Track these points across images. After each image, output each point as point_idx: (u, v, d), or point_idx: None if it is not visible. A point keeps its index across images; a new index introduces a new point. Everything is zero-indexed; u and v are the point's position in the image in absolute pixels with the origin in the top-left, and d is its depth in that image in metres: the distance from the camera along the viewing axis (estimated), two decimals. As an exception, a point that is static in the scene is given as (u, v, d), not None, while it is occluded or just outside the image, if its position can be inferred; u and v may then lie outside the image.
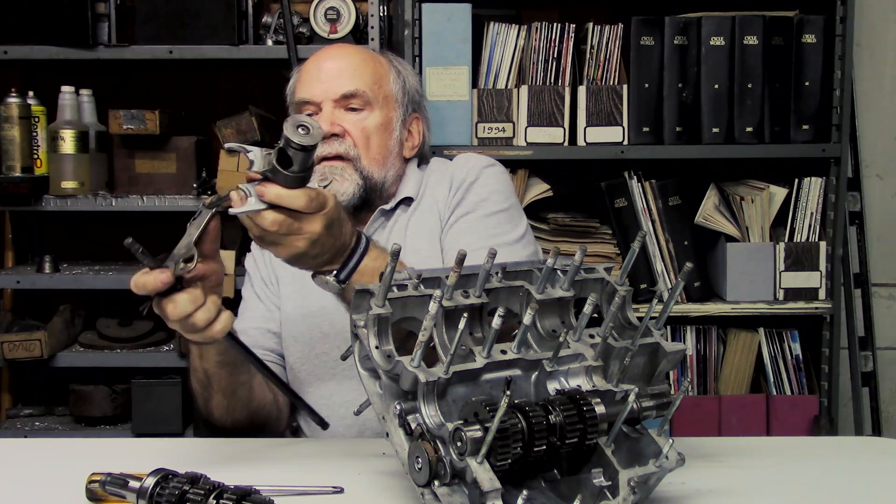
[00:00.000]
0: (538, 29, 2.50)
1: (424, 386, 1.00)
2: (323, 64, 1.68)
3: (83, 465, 1.16)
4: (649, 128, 2.51)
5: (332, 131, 1.61)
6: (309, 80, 1.68)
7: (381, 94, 1.68)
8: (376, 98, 1.67)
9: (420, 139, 1.76)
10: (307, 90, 1.66)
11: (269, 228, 1.18)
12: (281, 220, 1.18)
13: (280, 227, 1.18)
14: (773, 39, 2.50)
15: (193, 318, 1.20)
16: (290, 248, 1.21)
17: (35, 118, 2.58)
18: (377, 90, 1.67)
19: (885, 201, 2.89)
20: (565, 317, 1.17)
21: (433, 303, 1.00)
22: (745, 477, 1.23)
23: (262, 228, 1.19)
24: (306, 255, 1.22)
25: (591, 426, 1.02)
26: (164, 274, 1.17)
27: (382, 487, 1.18)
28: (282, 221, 1.18)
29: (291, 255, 1.22)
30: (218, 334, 1.23)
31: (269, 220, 1.18)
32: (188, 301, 1.19)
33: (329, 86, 1.65)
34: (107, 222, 2.82)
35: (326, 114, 1.62)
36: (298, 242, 1.20)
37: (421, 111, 1.78)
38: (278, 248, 1.22)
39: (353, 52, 1.73)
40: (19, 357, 2.52)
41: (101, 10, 2.54)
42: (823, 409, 2.56)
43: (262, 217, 1.18)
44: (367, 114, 1.66)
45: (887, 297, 2.91)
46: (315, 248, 1.22)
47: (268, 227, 1.18)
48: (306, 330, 1.65)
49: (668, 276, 2.54)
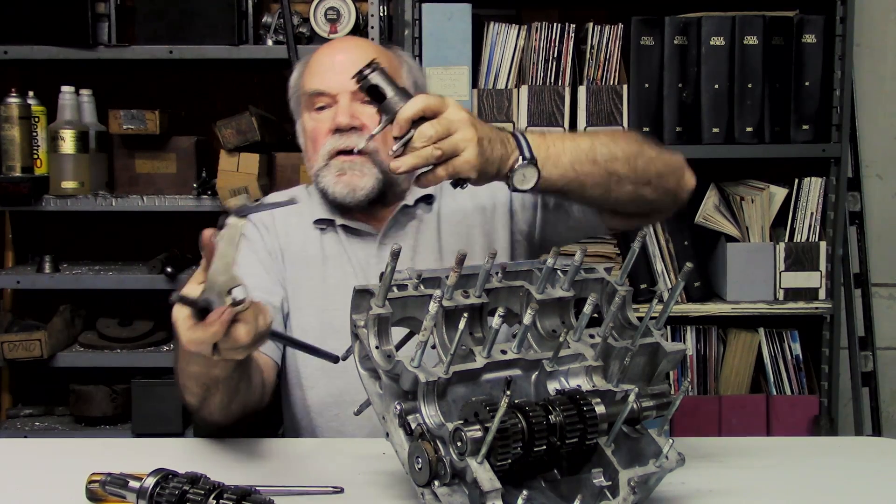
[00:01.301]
0: (538, 29, 2.50)
1: (424, 386, 1.00)
2: (336, 56, 1.63)
3: (83, 465, 1.16)
4: (649, 128, 2.51)
5: (351, 124, 1.57)
6: (322, 71, 1.63)
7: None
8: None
9: None
10: (321, 81, 1.61)
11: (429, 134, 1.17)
12: (432, 123, 1.18)
13: (437, 127, 1.18)
14: (773, 39, 2.50)
15: (259, 328, 1.12)
16: (466, 142, 1.19)
17: (35, 118, 2.58)
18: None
19: (885, 201, 2.89)
20: (565, 317, 1.17)
21: (433, 303, 1.00)
22: (745, 477, 1.23)
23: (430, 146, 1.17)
24: (485, 146, 1.20)
25: (591, 426, 1.02)
26: (224, 314, 1.05)
27: (382, 487, 1.17)
28: (434, 123, 1.18)
29: (478, 150, 1.19)
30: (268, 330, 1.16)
31: (425, 129, 1.17)
32: (251, 314, 1.10)
33: (346, 77, 1.53)
34: (107, 222, 2.82)
35: (344, 106, 1.58)
36: (466, 132, 1.19)
37: None
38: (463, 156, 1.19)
39: (367, 45, 1.70)
40: (19, 357, 2.52)
41: (101, 10, 2.55)
42: (823, 409, 2.56)
43: (420, 133, 1.17)
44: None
45: (887, 297, 2.91)
46: (482, 133, 1.20)
47: (429, 135, 1.17)
48: (318, 324, 1.59)
49: (668, 276, 2.54)
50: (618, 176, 1.35)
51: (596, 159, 1.33)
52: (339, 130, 1.58)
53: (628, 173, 1.36)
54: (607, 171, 1.34)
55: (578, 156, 1.31)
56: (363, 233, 1.63)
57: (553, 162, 1.29)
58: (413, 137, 1.18)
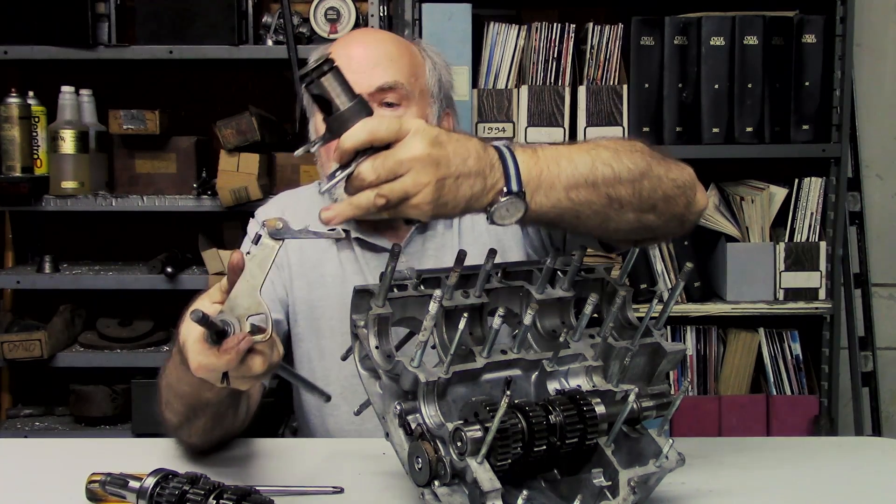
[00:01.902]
0: (538, 29, 2.50)
1: (424, 386, 1.00)
2: (353, 51, 1.48)
3: (83, 465, 1.16)
4: (649, 128, 2.51)
5: None
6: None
7: (418, 88, 1.50)
8: (413, 92, 1.49)
9: None
10: None
11: (370, 180, 0.96)
12: (374, 163, 0.97)
13: (379, 170, 0.96)
14: (773, 39, 2.50)
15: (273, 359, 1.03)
16: (419, 186, 0.98)
17: (35, 118, 2.58)
18: (414, 83, 1.50)
19: (885, 201, 2.89)
20: (565, 317, 1.17)
21: (433, 303, 1.00)
22: (745, 477, 1.23)
23: (369, 191, 0.97)
24: (447, 187, 0.99)
25: (591, 426, 1.02)
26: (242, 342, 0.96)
27: (382, 487, 1.17)
28: (377, 164, 0.96)
29: (432, 197, 0.98)
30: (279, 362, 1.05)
31: (364, 170, 0.96)
32: (267, 345, 1.00)
33: (362, 77, 1.43)
34: (107, 222, 2.82)
35: None
36: (420, 176, 0.97)
37: (452, 108, 1.60)
38: (412, 201, 0.98)
39: (388, 39, 1.54)
40: (19, 357, 2.52)
41: (101, 10, 2.55)
42: (823, 409, 2.56)
43: (357, 173, 0.97)
44: (404, 110, 1.47)
45: (887, 297, 2.91)
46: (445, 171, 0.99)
47: (369, 179, 0.96)
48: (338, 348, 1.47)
49: (668, 276, 2.54)
50: (620, 202, 1.14)
51: (596, 182, 1.11)
52: None
53: (631, 198, 1.15)
54: (608, 197, 1.13)
55: (576, 180, 1.10)
56: (379, 248, 1.52)
57: (545, 191, 1.08)
58: (351, 175, 0.98)
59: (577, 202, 1.11)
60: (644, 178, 1.16)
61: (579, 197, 1.10)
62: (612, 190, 1.13)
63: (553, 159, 1.09)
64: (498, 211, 1.04)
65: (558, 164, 1.09)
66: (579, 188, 1.10)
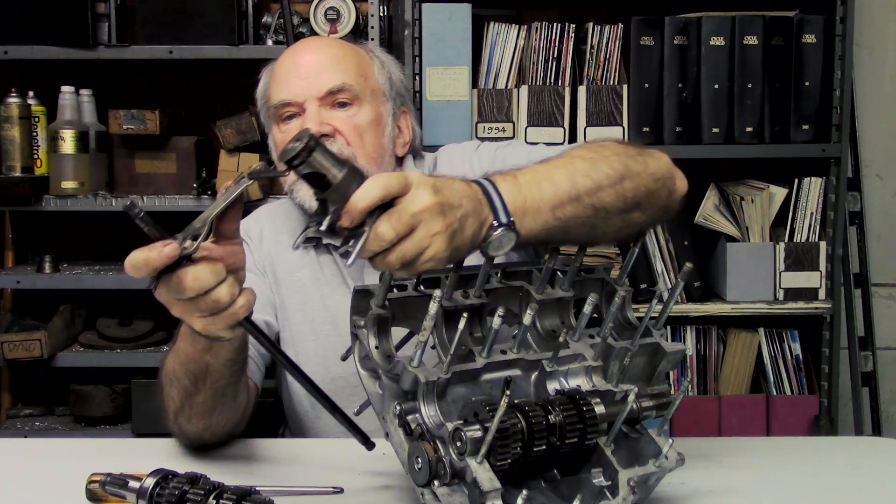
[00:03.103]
0: (538, 29, 2.50)
1: (424, 386, 1.00)
2: (300, 59, 1.53)
3: (83, 465, 1.16)
4: (649, 128, 2.51)
5: (321, 132, 1.47)
6: (286, 78, 1.52)
7: (369, 88, 1.54)
8: (364, 91, 1.53)
9: (410, 134, 1.63)
10: (286, 90, 1.51)
11: (390, 238, 0.96)
12: (391, 220, 0.95)
13: (397, 227, 0.95)
14: (773, 39, 2.50)
15: (216, 292, 1.03)
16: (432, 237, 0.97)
17: (35, 118, 2.58)
18: (364, 83, 1.54)
19: (885, 201, 2.89)
20: (565, 317, 1.17)
21: (433, 303, 1.00)
22: (745, 477, 1.23)
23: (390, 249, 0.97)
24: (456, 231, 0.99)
25: (591, 426, 1.02)
26: (168, 246, 0.99)
27: (382, 487, 1.18)
28: (393, 221, 0.95)
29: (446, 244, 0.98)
30: (242, 311, 1.06)
31: (382, 230, 0.95)
32: (210, 271, 1.02)
33: (311, 82, 1.50)
34: (107, 222, 2.82)
35: (312, 114, 1.49)
36: (431, 226, 0.97)
37: (408, 105, 1.65)
38: (427, 254, 0.98)
39: (332, 44, 1.59)
40: (19, 357, 2.52)
41: (101, 10, 2.55)
42: (823, 409, 2.56)
43: (375, 235, 0.96)
44: (357, 109, 1.52)
45: (887, 297, 2.91)
46: (451, 217, 0.98)
47: (389, 238, 0.96)
48: (319, 349, 1.54)
49: (668, 276, 2.54)
50: (605, 209, 1.15)
51: (579, 195, 1.12)
52: None
53: (616, 202, 1.16)
54: (593, 207, 1.13)
55: (560, 198, 1.10)
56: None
57: (532, 215, 1.08)
58: (368, 239, 0.96)
59: (563, 219, 1.11)
60: (624, 180, 1.17)
61: (565, 214, 1.11)
62: (596, 199, 1.13)
63: (534, 183, 1.09)
64: (492, 244, 1.04)
65: (540, 187, 1.09)
66: (564, 205, 1.11)
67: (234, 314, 1.06)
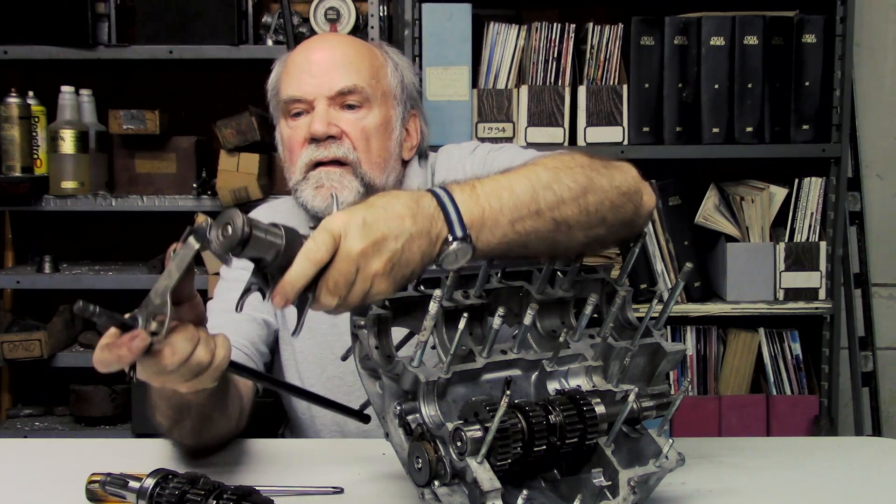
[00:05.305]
0: (538, 29, 2.50)
1: (424, 386, 1.00)
2: (313, 55, 1.51)
3: (83, 465, 1.16)
4: (649, 128, 2.51)
5: (328, 133, 1.46)
6: (298, 73, 1.50)
7: (380, 90, 1.52)
8: (375, 94, 1.51)
9: (418, 138, 1.61)
10: (296, 86, 1.49)
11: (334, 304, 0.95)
12: (328, 287, 0.95)
13: (335, 291, 0.95)
14: (773, 39, 2.50)
15: (195, 356, 0.99)
16: (373, 277, 0.96)
17: (35, 118, 2.59)
18: (375, 85, 1.52)
19: (885, 201, 2.89)
20: (565, 317, 1.17)
21: (433, 303, 1.00)
22: (745, 477, 1.23)
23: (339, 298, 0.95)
24: (397, 262, 0.97)
25: (591, 426, 1.02)
26: (136, 339, 0.93)
27: (382, 487, 1.18)
28: (330, 287, 0.95)
29: (388, 281, 0.97)
30: (224, 362, 1.03)
31: (325, 301, 0.95)
32: (184, 340, 0.97)
33: (322, 80, 1.48)
34: (107, 222, 2.82)
35: (320, 113, 1.47)
36: (368, 269, 0.95)
37: (418, 108, 1.62)
38: (374, 290, 0.97)
39: (348, 43, 1.56)
40: (19, 357, 2.52)
41: (101, 10, 2.55)
42: (823, 409, 2.56)
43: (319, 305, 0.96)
44: (366, 112, 1.50)
45: (887, 297, 2.91)
46: (390, 250, 0.96)
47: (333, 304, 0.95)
48: (316, 348, 1.54)
49: (668, 276, 2.54)
50: (567, 224, 1.10)
51: (540, 209, 1.07)
52: (315, 140, 1.48)
53: (579, 216, 1.11)
54: (554, 221, 1.09)
55: (519, 211, 1.05)
56: None
57: (490, 228, 1.04)
58: (312, 307, 0.96)
59: (523, 233, 1.07)
60: (587, 193, 1.12)
61: (525, 227, 1.07)
62: (558, 213, 1.09)
63: (493, 194, 1.05)
64: (447, 258, 1.01)
65: (499, 198, 1.05)
66: (524, 219, 1.06)
67: (218, 367, 1.03)
